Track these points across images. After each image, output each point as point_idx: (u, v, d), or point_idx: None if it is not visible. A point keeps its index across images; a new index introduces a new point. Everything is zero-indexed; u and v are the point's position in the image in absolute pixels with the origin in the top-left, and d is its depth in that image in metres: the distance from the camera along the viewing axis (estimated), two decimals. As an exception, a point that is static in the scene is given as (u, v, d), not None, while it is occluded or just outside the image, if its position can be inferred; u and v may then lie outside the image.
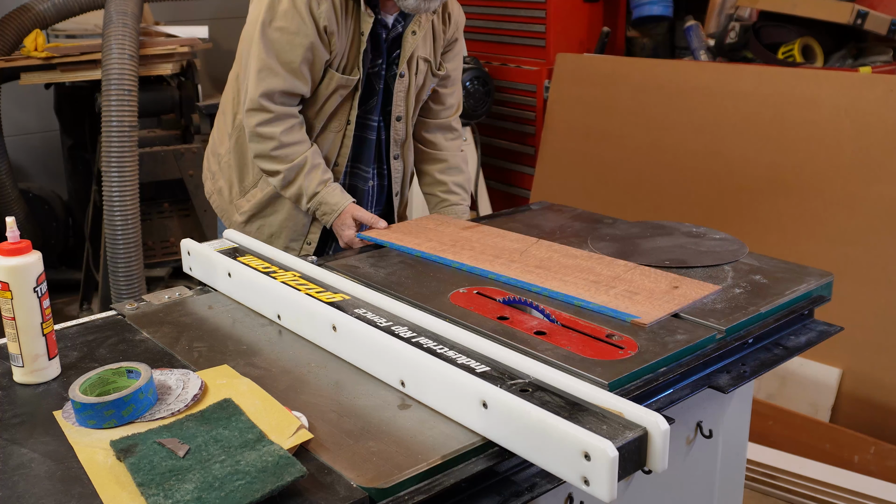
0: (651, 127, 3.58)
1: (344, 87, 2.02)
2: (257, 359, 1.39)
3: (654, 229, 1.96)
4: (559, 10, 4.14)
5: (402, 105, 2.14)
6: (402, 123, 2.16)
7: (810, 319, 1.65)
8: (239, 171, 2.18)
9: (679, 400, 1.34)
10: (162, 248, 4.03)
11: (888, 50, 3.58)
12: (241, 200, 2.18)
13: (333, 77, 2.00)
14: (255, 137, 1.99)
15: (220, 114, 2.25)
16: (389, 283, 1.66)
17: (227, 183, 2.21)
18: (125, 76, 3.31)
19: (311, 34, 1.91)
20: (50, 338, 1.33)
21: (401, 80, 2.10)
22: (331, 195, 2.02)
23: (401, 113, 2.15)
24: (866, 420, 2.85)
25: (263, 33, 1.92)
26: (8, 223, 1.31)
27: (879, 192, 2.89)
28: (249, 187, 2.16)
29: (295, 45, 1.92)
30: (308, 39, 1.91)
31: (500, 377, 1.22)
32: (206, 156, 2.33)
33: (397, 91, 2.11)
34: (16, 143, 4.45)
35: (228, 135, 2.18)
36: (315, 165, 2.02)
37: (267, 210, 2.15)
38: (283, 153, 1.98)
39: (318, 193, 2.01)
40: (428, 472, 1.07)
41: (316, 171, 2.01)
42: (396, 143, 2.19)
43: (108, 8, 3.43)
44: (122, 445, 1.10)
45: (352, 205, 2.03)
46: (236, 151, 2.16)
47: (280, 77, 1.93)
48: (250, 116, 1.97)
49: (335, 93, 2.02)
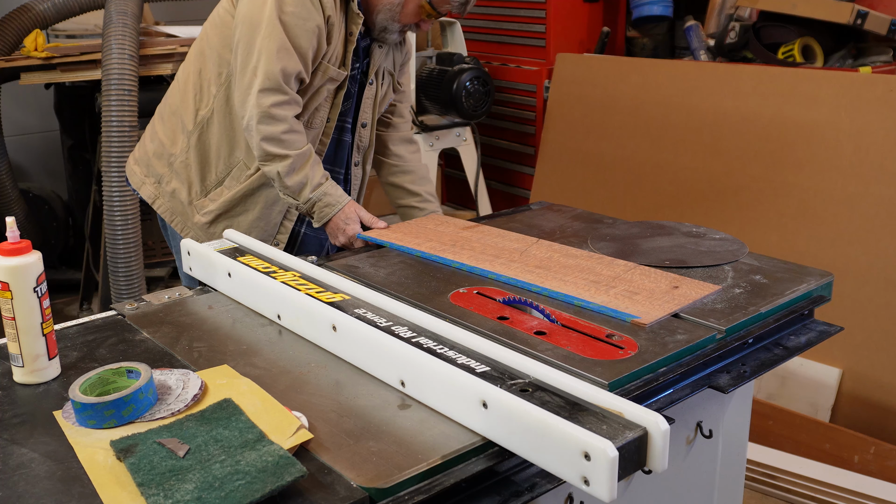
0: (651, 127, 3.58)
1: (333, 80, 2.04)
2: (257, 359, 1.39)
3: (654, 229, 1.96)
4: (559, 10, 4.14)
5: (368, 112, 2.19)
6: (366, 130, 2.22)
7: (810, 319, 1.65)
8: (200, 170, 2.13)
9: (679, 400, 1.34)
10: (162, 248, 4.03)
11: (888, 50, 3.58)
12: (204, 200, 2.13)
13: (328, 70, 2.01)
14: (266, 118, 1.95)
15: (168, 115, 2.19)
16: (389, 283, 1.66)
17: (185, 184, 2.14)
18: (125, 76, 3.31)
19: (319, 20, 1.94)
20: (50, 338, 1.33)
21: (370, 88, 2.17)
22: (334, 188, 2.02)
23: (366, 120, 2.20)
24: (866, 420, 2.85)
25: (277, 17, 1.92)
26: (8, 223, 1.31)
27: (879, 192, 2.89)
28: (212, 186, 2.12)
29: (307, 31, 1.93)
30: (316, 24, 1.94)
31: (500, 377, 1.22)
32: (137, 160, 2.25)
33: (366, 98, 2.17)
34: (16, 143, 4.45)
35: (186, 133, 2.12)
36: (318, 160, 2.04)
37: (237, 209, 2.12)
38: (291, 138, 1.97)
39: (322, 185, 2.00)
40: (428, 472, 1.07)
41: (319, 164, 2.03)
42: (359, 150, 2.23)
43: (108, 8, 3.43)
44: (122, 445, 1.10)
45: (352, 201, 2.03)
46: (198, 149, 2.12)
47: (295, 59, 1.94)
48: (265, 96, 1.93)
49: (323, 87, 2.04)
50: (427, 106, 4.04)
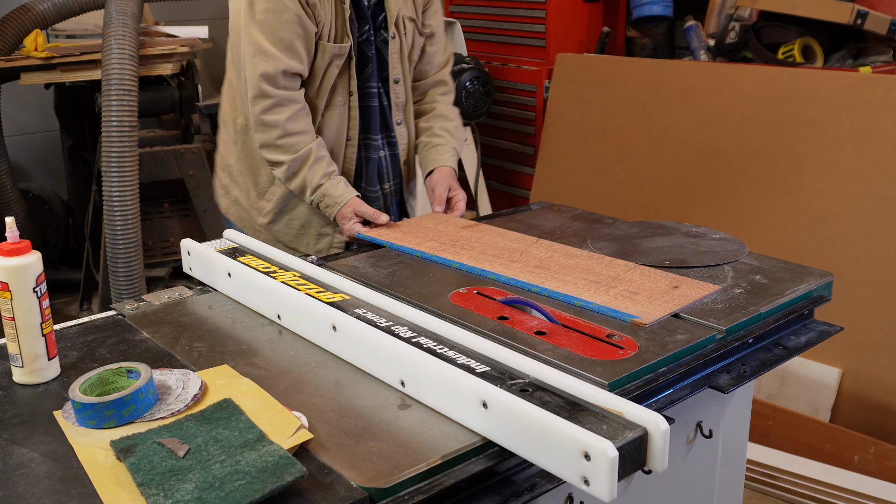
0: (651, 127, 3.58)
1: (338, 56, 2.02)
2: (257, 359, 1.39)
3: (654, 229, 1.96)
4: (559, 10, 4.14)
5: (397, 67, 2.14)
6: (400, 86, 2.16)
7: (810, 319, 1.65)
8: (252, 175, 2.17)
9: (679, 400, 1.34)
10: (162, 248, 4.03)
11: (888, 50, 3.58)
12: (262, 202, 2.17)
13: (326, 48, 2.00)
14: (259, 127, 1.98)
15: (221, 125, 2.26)
16: (389, 283, 1.66)
17: (243, 190, 2.20)
18: (125, 76, 3.31)
19: (295, 8, 1.94)
20: (49, 338, 1.33)
21: (392, 42, 2.11)
22: (334, 187, 2.01)
23: (398, 75, 2.14)
24: (866, 420, 2.85)
25: (251, 20, 1.95)
26: (7, 223, 1.31)
27: (879, 192, 2.89)
28: (266, 187, 2.15)
29: (285, 22, 1.93)
30: (294, 13, 1.94)
31: (500, 377, 1.22)
32: (215, 174, 2.34)
33: (391, 53, 2.11)
34: (16, 143, 4.45)
35: (234, 142, 2.18)
36: (320, 157, 2.01)
37: (291, 203, 2.14)
38: (287, 142, 1.98)
39: (321, 185, 2.01)
40: (428, 472, 1.07)
41: (320, 162, 2.01)
42: (398, 108, 2.18)
43: (108, 8, 3.42)
44: (122, 445, 1.10)
45: (355, 199, 2.02)
46: (244, 156, 2.16)
47: (275, 58, 1.94)
48: (254, 104, 1.97)
49: (331, 65, 2.02)
50: (427, 106, 4.03)
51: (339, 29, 2.01)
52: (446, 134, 2.22)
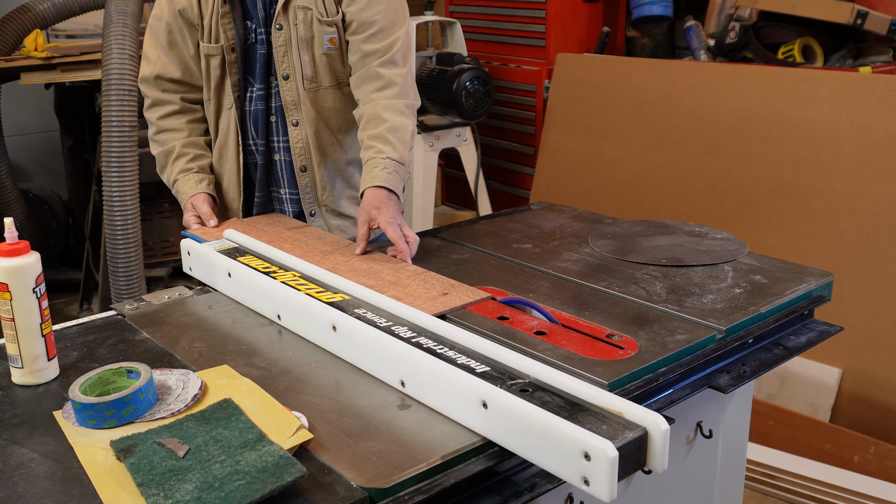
0: (651, 127, 3.58)
1: (213, 56, 1.97)
2: (257, 359, 1.39)
3: (657, 228, 1.96)
4: (559, 10, 4.14)
5: (285, 62, 1.95)
6: (290, 83, 1.96)
7: (810, 319, 1.65)
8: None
9: (679, 400, 1.34)
10: (162, 248, 4.03)
11: (888, 50, 3.58)
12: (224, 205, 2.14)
13: (202, 49, 2.00)
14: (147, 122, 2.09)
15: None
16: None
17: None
18: (125, 76, 3.30)
19: (166, 15, 1.99)
20: (49, 338, 1.32)
21: (278, 34, 1.93)
22: (184, 184, 2.02)
23: (287, 71, 1.95)
24: (866, 420, 2.85)
25: (148, 26, 2.04)
26: (6, 224, 1.31)
27: (879, 192, 2.89)
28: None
29: (160, 30, 2.00)
30: (165, 21, 1.99)
31: (500, 377, 1.22)
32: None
33: (277, 47, 1.94)
34: (16, 143, 4.45)
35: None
36: (182, 154, 2.02)
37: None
38: (160, 138, 2.05)
39: (177, 181, 2.03)
40: (428, 472, 1.07)
41: (181, 159, 2.03)
42: (293, 108, 1.98)
43: (108, 8, 3.42)
44: (122, 445, 1.10)
45: (199, 194, 1.98)
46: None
47: (151, 62, 2.02)
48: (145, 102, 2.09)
49: (210, 65, 1.99)
50: (427, 106, 4.04)
51: (215, 28, 1.96)
52: (376, 143, 1.87)
